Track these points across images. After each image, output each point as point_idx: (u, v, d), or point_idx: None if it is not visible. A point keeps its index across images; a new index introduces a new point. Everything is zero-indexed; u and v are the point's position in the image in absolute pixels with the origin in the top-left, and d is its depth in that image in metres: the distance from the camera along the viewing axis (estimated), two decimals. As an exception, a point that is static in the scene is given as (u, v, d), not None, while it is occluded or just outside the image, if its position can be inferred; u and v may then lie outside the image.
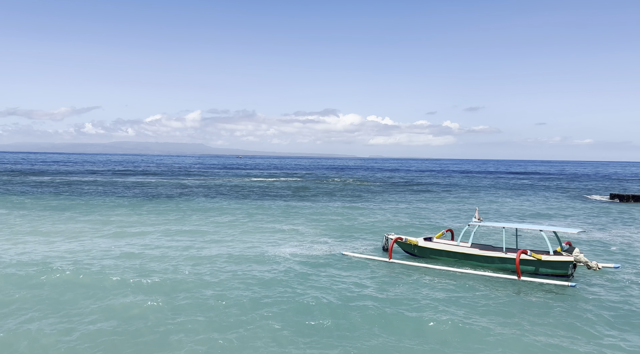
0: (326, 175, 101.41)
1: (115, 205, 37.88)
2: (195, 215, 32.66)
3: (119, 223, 28.25)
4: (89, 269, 17.04)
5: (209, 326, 12.03)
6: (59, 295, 14.15)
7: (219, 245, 22.22)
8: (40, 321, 11.99)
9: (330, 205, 41.14)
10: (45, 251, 19.82)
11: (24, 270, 16.73)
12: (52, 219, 29.20)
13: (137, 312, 12.80)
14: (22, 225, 26.63)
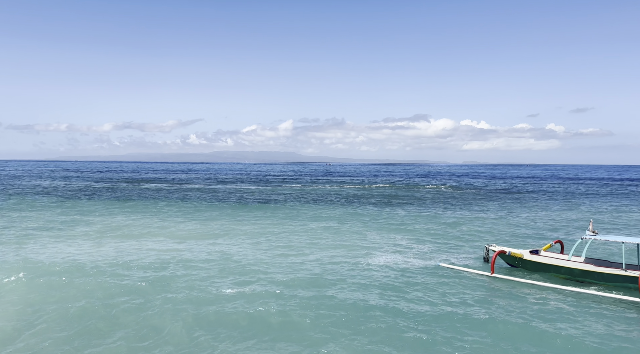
0: (417, 182, 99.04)
1: (218, 209, 40.32)
2: (290, 221, 33.62)
3: (221, 226, 29.99)
4: (194, 269, 18.27)
5: (312, 330, 12.21)
6: (161, 290, 15.33)
7: (313, 252, 22.58)
8: (172, 304, 13.07)
9: (423, 212, 40.01)
10: (158, 251, 21.63)
11: (142, 264, 18.41)
12: (162, 221, 31.86)
13: (238, 306, 13.42)
14: (137, 227, 29.40)
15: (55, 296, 15.05)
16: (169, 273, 18.03)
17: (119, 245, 23.77)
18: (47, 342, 11.52)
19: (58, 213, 37.61)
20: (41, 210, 39.33)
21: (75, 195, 55.76)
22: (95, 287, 16.04)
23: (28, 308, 13.88)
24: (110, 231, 28.45)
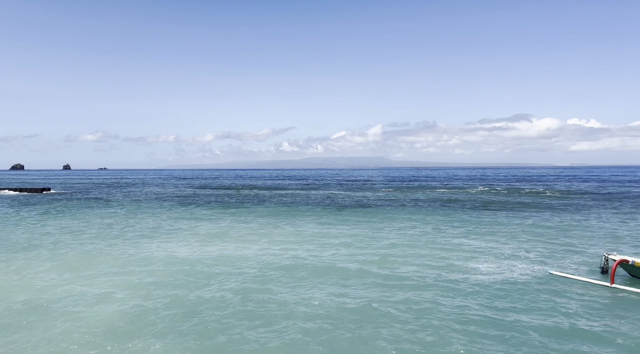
0: (519, 186, 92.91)
1: (312, 214, 41.41)
2: (384, 225, 33.45)
3: (316, 231, 30.76)
4: (293, 271, 18.98)
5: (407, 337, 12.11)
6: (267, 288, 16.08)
7: (411, 257, 22.26)
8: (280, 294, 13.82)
9: (528, 218, 37.47)
10: (260, 253, 22.82)
11: (254, 266, 19.58)
12: (262, 225, 33.51)
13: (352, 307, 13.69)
14: (240, 230, 31.24)
15: (166, 294, 16.51)
16: (271, 274, 18.93)
17: (224, 247, 25.43)
18: (171, 335, 12.71)
19: (169, 216, 41.23)
20: (154, 214, 43.40)
21: (184, 200, 60.70)
22: (203, 283, 17.37)
23: (145, 301, 15.40)
24: (215, 234, 30.52)
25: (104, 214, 43.27)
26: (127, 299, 15.51)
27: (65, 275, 18.93)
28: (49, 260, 21.82)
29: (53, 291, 16.38)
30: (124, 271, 19.48)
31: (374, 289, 16.57)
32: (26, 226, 34.49)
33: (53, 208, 49.08)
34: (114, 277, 18.55)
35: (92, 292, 16.30)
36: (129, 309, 14.38)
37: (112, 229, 32.68)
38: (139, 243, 26.56)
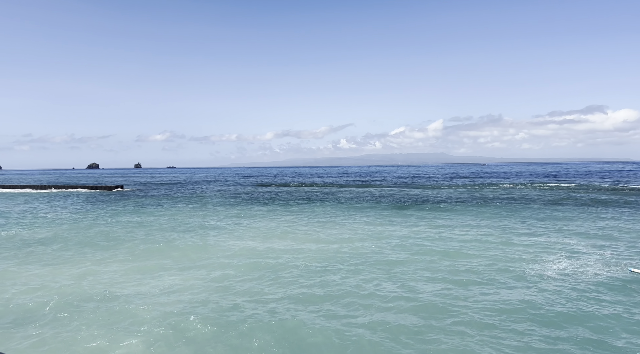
0: (593, 182, 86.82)
1: (372, 211, 41.07)
2: (447, 221, 32.47)
3: (377, 227, 30.47)
4: (355, 266, 18.89)
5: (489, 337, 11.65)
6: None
7: (479, 254, 21.44)
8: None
9: (604, 215, 34.87)
10: (321, 248, 22.95)
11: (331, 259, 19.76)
12: (324, 221, 33.71)
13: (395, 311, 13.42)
14: (299, 225, 31.62)
15: (236, 289, 16.97)
16: (337, 267, 18.96)
17: (290, 242, 25.83)
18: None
19: (234, 211, 42.55)
20: (220, 209, 44.97)
21: (247, 197, 62.48)
22: (266, 274, 17.71)
23: (213, 294, 15.92)
24: (281, 229, 31.07)
25: (173, 209, 45.46)
26: (197, 290, 16.15)
27: (137, 266, 20.05)
28: (123, 253, 23.24)
29: (126, 282, 17.40)
30: (194, 265, 20.32)
31: (450, 286, 16.12)
32: (101, 221, 36.99)
33: (125, 205, 52.28)
34: (183, 270, 19.40)
35: (162, 284, 17.12)
36: (196, 300, 14.96)
37: (180, 224, 34.23)
38: (207, 237, 27.61)
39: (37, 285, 16.97)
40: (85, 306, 14.34)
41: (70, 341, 11.59)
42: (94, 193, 75.44)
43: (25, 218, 38.95)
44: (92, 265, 20.37)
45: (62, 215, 41.66)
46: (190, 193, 71.82)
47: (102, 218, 38.41)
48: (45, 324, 12.80)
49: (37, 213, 43.52)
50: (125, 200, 58.81)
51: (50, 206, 50.61)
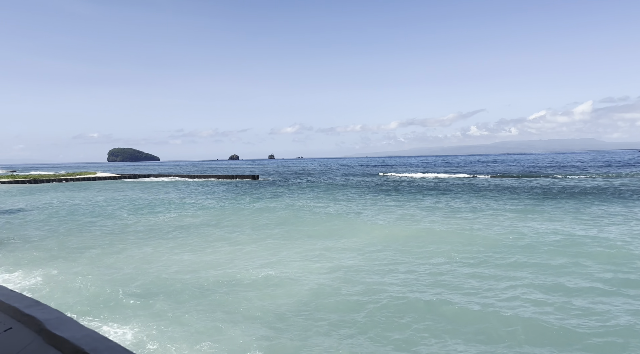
0: None
1: (511, 200, 37.63)
2: (604, 216, 28.13)
3: (526, 223, 27.67)
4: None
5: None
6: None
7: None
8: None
9: None
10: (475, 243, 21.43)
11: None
12: (453, 212, 31.75)
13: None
14: (425, 215, 30.15)
15: (361, 280, 16.51)
16: (483, 257, 17.50)
17: (421, 232, 24.74)
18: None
19: (363, 200, 42.51)
20: (350, 198, 45.34)
21: (372, 185, 62.28)
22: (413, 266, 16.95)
23: (337, 284, 15.66)
24: (412, 218, 30.03)
25: (303, 198, 47.14)
26: (323, 279, 16.11)
27: (264, 253, 20.83)
28: (258, 238, 24.47)
29: (252, 268, 18.10)
30: (332, 249, 20.47)
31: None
32: (241, 207, 39.77)
33: (262, 192, 55.76)
34: (311, 258, 19.64)
35: (283, 273, 17.39)
36: (320, 290, 14.86)
37: (313, 211, 35.19)
38: (337, 225, 27.85)
39: (179, 265, 18.56)
40: (217, 290, 15.15)
41: (188, 322, 12.18)
42: (234, 182, 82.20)
43: (175, 204, 43.73)
44: (231, 248, 21.73)
45: (206, 201, 45.91)
46: (320, 182, 74.05)
47: (241, 205, 41.34)
48: (176, 304, 13.76)
49: (185, 199, 48.65)
50: (261, 188, 62.83)
51: (198, 194, 56.29)
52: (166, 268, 18.03)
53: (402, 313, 12.44)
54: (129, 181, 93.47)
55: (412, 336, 11.03)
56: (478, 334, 11.05)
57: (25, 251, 21.92)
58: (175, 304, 13.59)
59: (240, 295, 14.41)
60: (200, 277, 16.44)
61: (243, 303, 13.58)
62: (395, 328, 11.53)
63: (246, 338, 11.08)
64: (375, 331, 11.40)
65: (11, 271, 17.70)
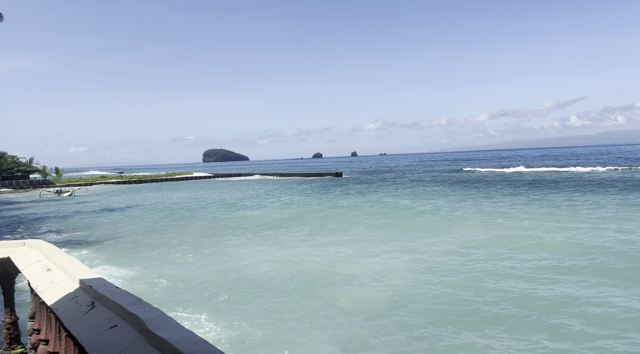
0: None
1: (621, 199, 33.85)
2: None
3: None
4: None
5: None
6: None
7: None
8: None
9: None
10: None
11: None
12: (557, 210, 29.25)
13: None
14: (524, 213, 28.04)
15: (447, 280, 15.70)
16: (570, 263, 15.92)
17: (513, 231, 23.14)
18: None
19: (449, 198, 40.85)
20: (434, 195, 43.82)
21: (461, 182, 59.67)
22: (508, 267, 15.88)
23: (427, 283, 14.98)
24: (502, 216, 28.25)
25: (387, 194, 46.42)
26: (414, 277, 15.57)
27: (351, 251, 20.63)
28: (338, 237, 24.40)
29: (340, 266, 17.95)
30: (409, 250, 19.87)
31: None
32: (326, 204, 40.11)
33: (345, 189, 55.90)
34: (399, 253, 19.12)
35: (372, 271, 17.04)
36: (411, 286, 14.33)
37: (398, 208, 34.50)
38: (425, 221, 26.99)
39: (269, 260, 19.01)
40: (306, 287, 15.22)
41: (279, 320, 12.27)
42: (319, 179, 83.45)
43: (263, 201, 45.26)
44: (317, 246, 21.89)
45: (292, 198, 46.99)
46: (404, 178, 72.57)
47: (326, 202, 41.73)
48: (266, 301, 13.98)
49: (272, 196, 50.22)
50: (345, 185, 63.05)
51: (284, 191, 57.89)
52: (256, 265, 18.59)
53: (510, 311, 11.59)
54: (221, 180, 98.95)
55: (533, 335, 10.20)
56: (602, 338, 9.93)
57: (129, 247, 23.90)
58: (264, 302, 13.87)
59: (330, 293, 14.38)
60: (289, 275, 16.70)
61: (332, 302, 13.53)
62: (509, 327, 10.75)
63: (337, 338, 10.98)
64: (485, 330, 10.72)
65: (117, 266, 19.33)
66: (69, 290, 3.36)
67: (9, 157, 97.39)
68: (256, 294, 14.53)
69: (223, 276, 16.79)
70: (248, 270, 17.61)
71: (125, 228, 30.63)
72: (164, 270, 18.06)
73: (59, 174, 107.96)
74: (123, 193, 68.10)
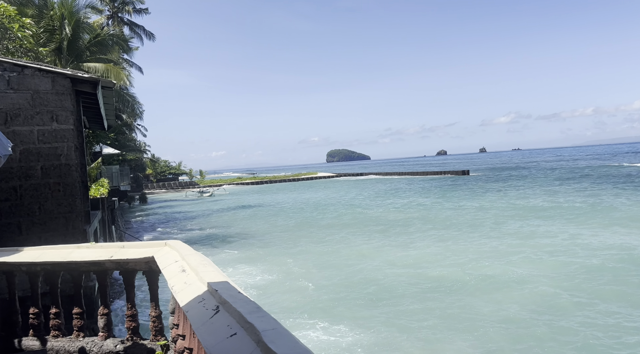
0: None
1: None
2: None
3: None
4: None
5: None
6: None
7: None
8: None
9: None
10: None
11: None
12: None
13: None
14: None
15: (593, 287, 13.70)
16: None
17: None
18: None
19: (599, 199, 36.16)
20: (584, 195, 39.12)
21: (618, 179, 52.50)
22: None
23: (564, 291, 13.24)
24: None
25: (523, 194, 42.72)
26: (547, 284, 13.96)
27: (481, 253, 19.27)
28: (464, 237, 23.01)
29: (470, 269, 16.81)
30: (550, 254, 17.93)
31: None
32: (448, 205, 38.31)
33: (472, 189, 52.83)
34: (537, 260, 17.38)
35: (510, 274, 15.68)
36: (545, 296, 12.81)
37: (530, 210, 31.56)
38: (563, 227, 24.24)
39: (395, 261, 18.62)
40: (434, 292, 14.55)
41: (407, 327, 11.71)
42: (443, 178, 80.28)
43: (384, 200, 44.85)
44: (442, 247, 20.94)
45: (415, 198, 45.81)
46: (541, 175, 66.14)
47: (451, 202, 39.89)
48: (392, 307, 13.55)
49: (394, 195, 49.52)
50: (473, 184, 59.65)
51: (406, 190, 56.80)
52: (381, 267, 18.37)
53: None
54: (344, 179, 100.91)
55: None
56: None
57: (258, 245, 25.17)
58: (396, 306, 13.46)
59: (461, 297, 13.64)
60: (419, 278, 16.18)
61: (466, 307, 12.78)
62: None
63: (473, 349, 10.28)
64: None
65: (247, 264, 20.35)
66: (198, 292, 3.54)
67: (162, 161, 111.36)
68: (386, 298, 14.19)
69: (350, 280, 16.71)
70: (375, 272, 17.42)
71: (257, 226, 32.83)
72: (291, 269, 18.82)
73: (203, 176, 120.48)
74: (255, 193, 73.37)
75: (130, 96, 41.20)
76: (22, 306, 5.73)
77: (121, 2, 47.21)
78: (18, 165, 6.94)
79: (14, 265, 5.48)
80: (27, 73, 7.07)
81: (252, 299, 3.11)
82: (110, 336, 5.44)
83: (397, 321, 12.19)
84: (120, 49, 32.45)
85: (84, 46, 25.56)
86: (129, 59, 44.20)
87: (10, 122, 6.94)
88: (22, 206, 6.96)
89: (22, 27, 13.11)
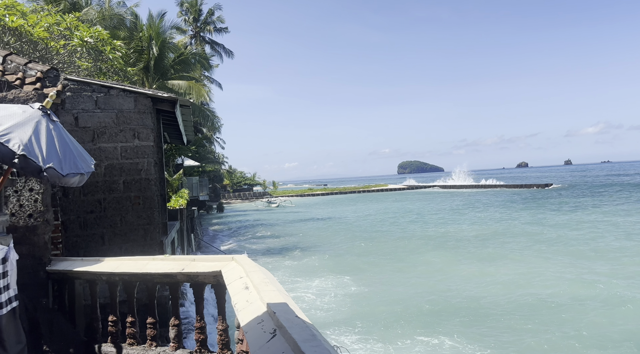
0: None
1: None
2: None
3: None
4: None
5: None
6: None
7: None
8: None
9: None
10: None
11: None
12: None
13: None
14: None
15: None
16: None
17: None
18: None
19: None
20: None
21: None
22: None
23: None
24: None
25: (612, 211, 39.07)
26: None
27: (569, 270, 17.87)
28: (548, 253, 21.48)
29: (562, 286, 15.62)
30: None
31: None
32: (529, 220, 35.92)
33: (555, 203, 49.23)
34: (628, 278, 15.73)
35: (602, 293, 14.38)
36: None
37: (625, 226, 28.74)
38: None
39: (467, 280, 17.71)
40: (516, 313, 13.61)
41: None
42: (523, 191, 75.76)
43: (459, 215, 43.05)
44: (525, 263, 19.69)
45: (492, 212, 43.55)
46: (636, 191, 60.12)
47: (530, 216, 37.46)
48: (466, 328, 12.81)
49: (471, 209, 47.41)
50: (555, 198, 55.65)
51: (484, 203, 54.20)
52: (454, 284, 17.60)
53: None
54: (415, 192, 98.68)
55: None
56: None
57: (325, 258, 24.62)
58: (490, 328, 12.71)
59: (545, 319, 12.76)
60: (492, 296, 15.37)
61: (550, 330, 11.89)
62: None
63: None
64: None
65: (312, 277, 20.02)
66: (258, 312, 3.51)
67: (238, 172, 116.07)
68: (478, 318, 13.48)
69: (430, 298, 15.92)
70: (443, 292, 16.68)
71: (326, 238, 32.90)
72: (362, 284, 18.48)
73: (275, 187, 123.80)
74: (325, 204, 73.93)
75: (210, 111, 43.51)
76: (101, 312, 6.11)
77: (203, 22, 50.31)
78: (103, 179, 7.50)
79: (96, 275, 5.88)
80: (112, 93, 7.67)
81: (309, 324, 3.02)
82: (180, 347, 5.62)
83: (498, 345, 11.54)
84: (201, 67, 34.44)
85: (169, 65, 27.37)
86: (210, 76, 46.81)
87: (97, 139, 7.55)
88: (105, 218, 7.51)
89: (114, 49, 14.34)
